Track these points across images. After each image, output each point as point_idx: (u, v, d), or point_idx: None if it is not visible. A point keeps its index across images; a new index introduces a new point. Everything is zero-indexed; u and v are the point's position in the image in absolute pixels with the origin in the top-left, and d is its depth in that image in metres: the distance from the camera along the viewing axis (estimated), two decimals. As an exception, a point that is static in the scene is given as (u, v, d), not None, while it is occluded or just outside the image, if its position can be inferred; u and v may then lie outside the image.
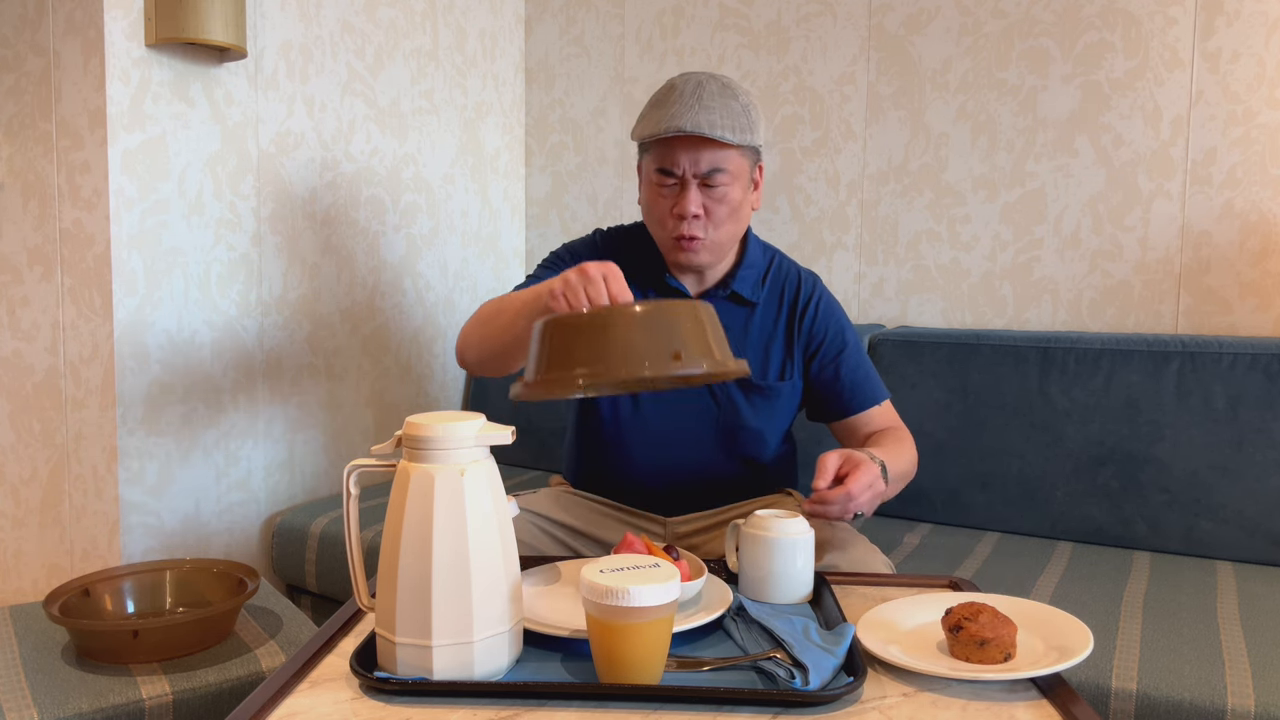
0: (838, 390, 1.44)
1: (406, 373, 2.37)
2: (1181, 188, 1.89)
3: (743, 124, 1.31)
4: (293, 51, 2.02)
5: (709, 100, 1.30)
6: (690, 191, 1.32)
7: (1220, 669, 1.20)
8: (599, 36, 2.54)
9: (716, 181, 1.32)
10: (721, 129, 1.28)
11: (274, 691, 0.83)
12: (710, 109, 1.29)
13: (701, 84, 1.32)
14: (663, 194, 1.35)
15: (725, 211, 1.34)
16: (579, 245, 1.51)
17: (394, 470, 0.89)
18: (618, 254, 1.47)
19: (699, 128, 1.27)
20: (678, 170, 1.32)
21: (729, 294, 1.42)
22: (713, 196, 1.33)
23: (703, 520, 1.45)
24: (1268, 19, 1.79)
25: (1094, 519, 1.76)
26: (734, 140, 1.29)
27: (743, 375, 1.00)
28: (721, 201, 1.33)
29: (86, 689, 1.14)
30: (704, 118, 1.28)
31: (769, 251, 1.50)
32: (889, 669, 0.89)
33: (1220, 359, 1.69)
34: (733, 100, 1.31)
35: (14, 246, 1.90)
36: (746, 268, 1.43)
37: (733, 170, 1.32)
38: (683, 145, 1.31)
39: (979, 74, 2.06)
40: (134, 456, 1.80)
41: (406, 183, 2.32)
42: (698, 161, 1.31)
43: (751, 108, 1.34)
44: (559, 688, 0.83)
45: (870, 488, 1.17)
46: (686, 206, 1.32)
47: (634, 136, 1.37)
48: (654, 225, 1.40)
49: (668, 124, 1.29)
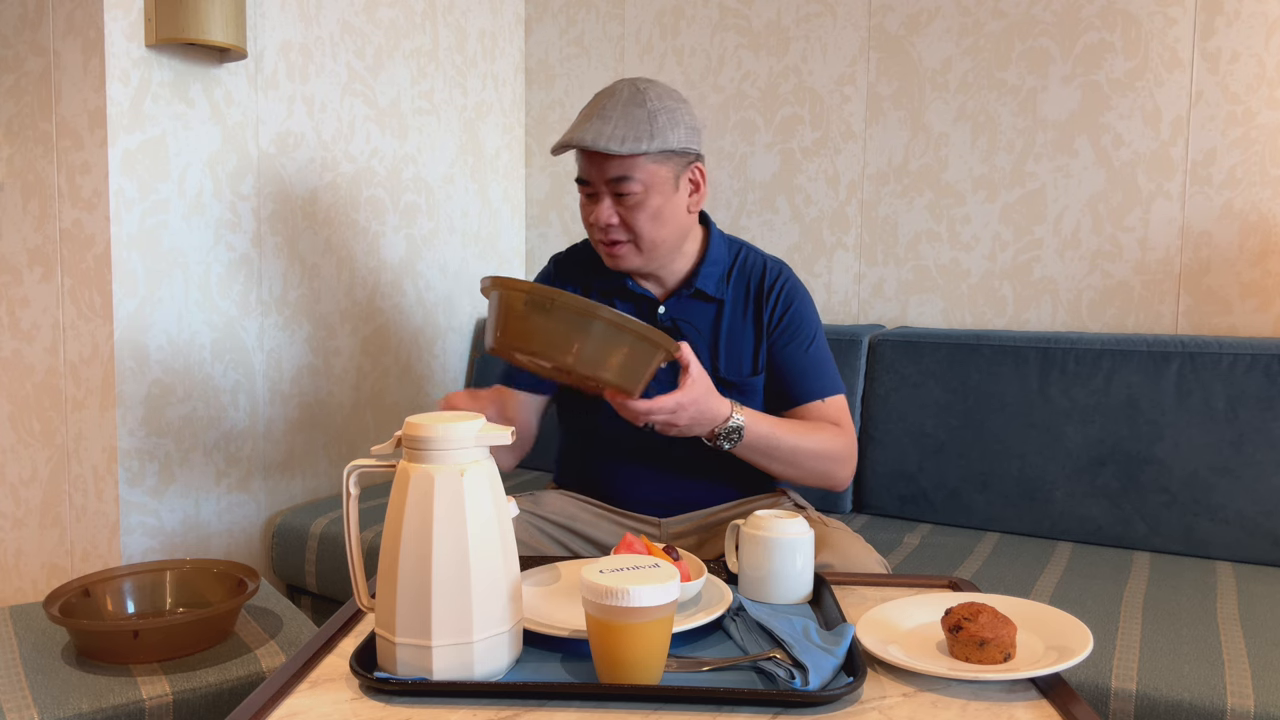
0: (780, 379, 1.42)
1: (406, 373, 2.37)
2: (1181, 188, 1.89)
3: (641, 132, 1.30)
4: (293, 52, 2.02)
5: (609, 111, 1.31)
6: (603, 201, 1.34)
7: (1220, 669, 1.20)
8: (599, 36, 2.54)
9: (625, 189, 1.32)
10: (609, 139, 1.28)
11: (274, 692, 0.83)
12: (608, 119, 1.30)
13: (615, 93, 1.33)
14: (586, 203, 1.38)
15: (644, 218, 1.34)
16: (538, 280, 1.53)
17: (394, 470, 0.89)
18: (575, 275, 1.50)
19: (585, 141, 1.29)
20: (589, 179, 1.35)
21: (694, 292, 1.43)
22: (625, 204, 1.34)
23: (697, 520, 1.45)
24: (1268, 19, 1.79)
25: (1094, 519, 1.76)
26: (620, 150, 1.29)
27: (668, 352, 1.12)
28: (636, 209, 1.34)
29: (86, 689, 1.14)
30: (598, 129, 1.29)
31: (735, 246, 1.49)
32: (889, 669, 0.89)
33: (1220, 359, 1.69)
34: (637, 109, 1.31)
35: (14, 247, 1.90)
36: (709, 265, 1.43)
37: (642, 178, 1.32)
38: (589, 156, 1.33)
39: (979, 74, 2.06)
40: (134, 457, 1.80)
41: (406, 183, 2.32)
42: (605, 171, 1.32)
43: (664, 113, 1.32)
44: (559, 688, 0.83)
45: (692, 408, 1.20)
46: (599, 216, 1.35)
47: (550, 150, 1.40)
48: (587, 232, 1.42)
49: (566, 137, 1.32)
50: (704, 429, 1.26)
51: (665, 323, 1.43)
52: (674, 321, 1.43)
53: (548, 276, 1.54)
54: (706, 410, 1.23)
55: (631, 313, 1.45)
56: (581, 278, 1.50)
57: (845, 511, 1.99)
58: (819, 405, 1.41)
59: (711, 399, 1.24)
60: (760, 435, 1.30)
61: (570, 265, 1.52)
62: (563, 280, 1.51)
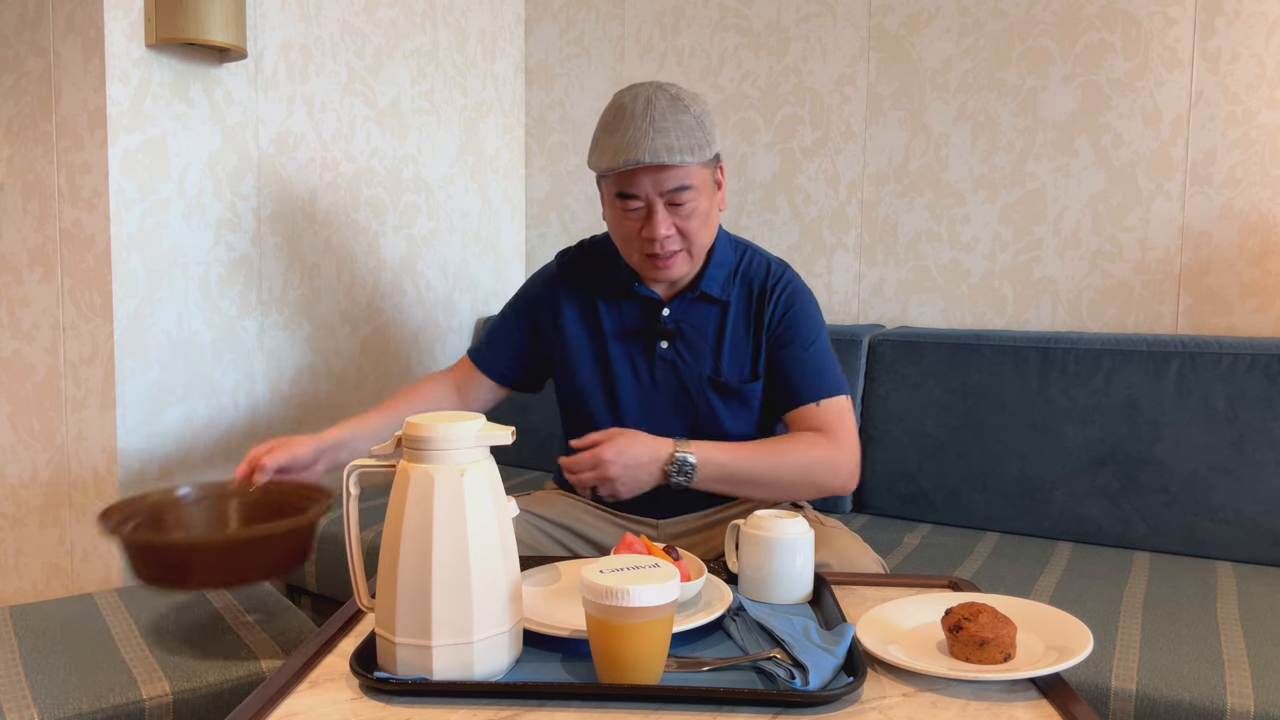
0: (777, 380, 1.40)
1: (406, 373, 2.37)
2: (1181, 188, 1.89)
3: (699, 140, 1.28)
4: (293, 52, 2.02)
5: (662, 121, 1.26)
6: (659, 214, 1.29)
7: (1220, 669, 1.20)
8: (599, 37, 2.54)
9: (682, 199, 1.29)
10: (680, 152, 1.25)
11: (274, 692, 0.83)
12: (665, 131, 1.25)
13: (651, 101, 1.27)
14: (629, 217, 1.32)
15: (696, 224, 1.32)
16: (535, 284, 1.53)
17: (394, 470, 0.89)
18: (581, 277, 1.48)
19: (658, 156, 1.24)
20: (640, 194, 1.29)
21: (698, 294, 1.41)
22: (681, 214, 1.30)
23: (695, 522, 1.45)
24: (1268, 19, 1.79)
25: (1094, 519, 1.76)
26: (694, 160, 1.26)
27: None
28: (691, 217, 1.31)
29: (86, 689, 1.14)
30: (661, 143, 1.24)
31: (740, 247, 1.47)
32: (889, 669, 0.89)
33: (1220, 359, 1.69)
34: (684, 115, 1.27)
35: (14, 247, 1.90)
36: (715, 266, 1.41)
37: (697, 185, 1.30)
38: (644, 170, 1.27)
39: (979, 74, 2.06)
40: (134, 457, 1.80)
41: (406, 183, 2.32)
42: (661, 184, 1.28)
43: (705, 116, 1.30)
44: (559, 688, 0.83)
45: (594, 470, 1.21)
46: (657, 230, 1.29)
47: (591, 166, 1.33)
48: (623, 246, 1.38)
49: (625, 155, 1.25)
50: (648, 473, 1.24)
51: (669, 325, 1.41)
52: (677, 324, 1.42)
53: (550, 275, 1.52)
54: (639, 455, 1.23)
55: (635, 315, 1.44)
56: (587, 279, 1.48)
57: (845, 511, 1.99)
58: (812, 409, 1.37)
59: (638, 443, 1.24)
60: (719, 465, 1.27)
61: (576, 266, 1.50)
62: (566, 281, 1.49)
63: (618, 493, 1.25)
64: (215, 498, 1.39)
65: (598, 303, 1.45)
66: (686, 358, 1.41)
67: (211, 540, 1.25)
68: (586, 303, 1.47)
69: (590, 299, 1.46)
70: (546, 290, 1.50)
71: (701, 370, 1.41)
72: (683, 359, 1.41)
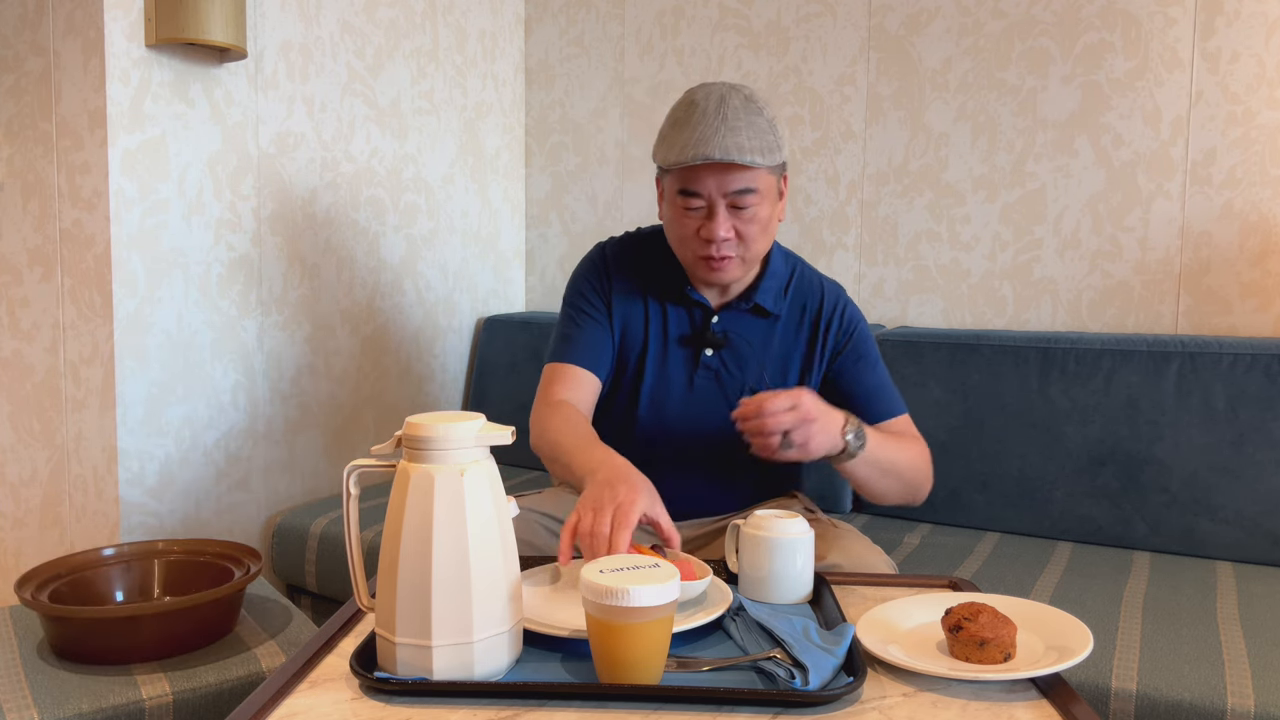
0: (853, 398, 1.39)
1: (406, 373, 2.37)
2: (1181, 188, 1.89)
3: (770, 143, 1.25)
4: (293, 52, 2.02)
5: (734, 120, 1.23)
6: (719, 215, 1.27)
7: (1220, 669, 1.20)
8: (599, 37, 2.54)
9: (746, 203, 1.26)
10: (752, 152, 1.22)
11: (274, 691, 0.83)
12: (737, 130, 1.22)
13: (725, 99, 1.25)
14: (688, 216, 1.30)
15: (756, 230, 1.29)
16: (590, 275, 1.44)
17: (394, 470, 0.89)
18: (630, 273, 1.43)
19: (728, 154, 1.21)
20: (703, 193, 1.27)
21: (751, 306, 1.39)
22: (742, 217, 1.27)
23: (704, 526, 1.45)
24: (1268, 19, 1.79)
25: (1094, 519, 1.76)
26: (764, 163, 1.24)
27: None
28: (751, 221, 1.28)
29: (86, 689, 1.14)
30: (732, 141, 1.22)
31: (791, 261, 1.45)
32: (889, 669, 0.89)
33: (1220, 359, 1.69)
34: (758, 117, 1.25)
35: (14, 247, 1.90)
36: (769, 278, 1.39)
37: (762, 189, 1.27)
38: (710, 168, 1.24)
39: (979, 74, 2.06)
40: (134, 457, 1.80)
41: (406, 183, 2.32)
42: (726, 184, 1.25)
43: (776, 121, 1.28)
44: (559, 688, 0.83)
45: (794, 410, 1.12)
46: (715, 230, 1.27)
47: (658, 160, 1.31)
48: (678, 245, 1.35)
49: (694, 150, 1.22)
50: (836, 427, 1.19)
51: (718, 333, 1.39)
52: (725, 333, 1.39)
53: (597, 265, 1.45)
54: (826, 409, 1.17)
55: (684, 320, 1.41)
56: (638, 276, 1.43)
57: (845, 511, 1.99)
58: (901, 421, 1.39)
59: (819, 399, 1.18)
60: (877, 443, 1.25)
61: (625, 261, 1.45)
62: (618, 275, 1.43)
63: (812, 438, 1.15)
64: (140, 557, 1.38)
65: (648, 301, 1.42)
66: (731, 368, 1.40)
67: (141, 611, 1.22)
68: (636, 299, 1.43)
69: (641, 296, 1.43)
70: (604, 283, 1.45)
71: (745, 381, 1.40)
72: (727, 369, 1.40)
